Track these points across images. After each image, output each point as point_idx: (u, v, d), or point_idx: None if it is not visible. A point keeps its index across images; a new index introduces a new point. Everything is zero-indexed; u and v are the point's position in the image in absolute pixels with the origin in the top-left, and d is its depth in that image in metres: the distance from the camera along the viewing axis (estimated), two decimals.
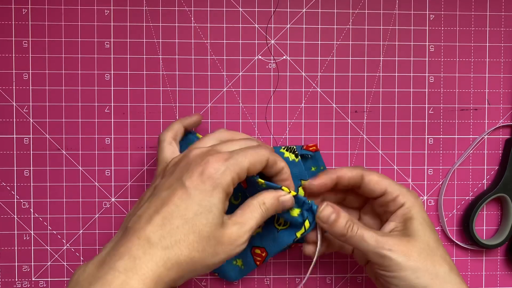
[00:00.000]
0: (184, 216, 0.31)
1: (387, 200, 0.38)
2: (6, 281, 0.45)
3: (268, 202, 0.35)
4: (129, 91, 0.45)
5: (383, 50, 0.46)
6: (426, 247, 0.36)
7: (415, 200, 0.38)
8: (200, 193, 0.32)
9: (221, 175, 0.32)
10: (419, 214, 0.38)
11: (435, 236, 0.37)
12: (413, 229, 0.37)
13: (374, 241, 0.36)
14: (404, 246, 0.36)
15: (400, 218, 0.38)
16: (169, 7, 0.45)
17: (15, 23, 0.44)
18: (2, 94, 0.45)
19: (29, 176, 0.45)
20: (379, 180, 0.38)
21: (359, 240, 0.36)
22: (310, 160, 0.44)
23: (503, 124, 0.46)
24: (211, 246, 0.32)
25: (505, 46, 0.46)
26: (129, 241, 0.31)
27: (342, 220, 0.37)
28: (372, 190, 0.39)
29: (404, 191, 0.38)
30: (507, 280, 0.47)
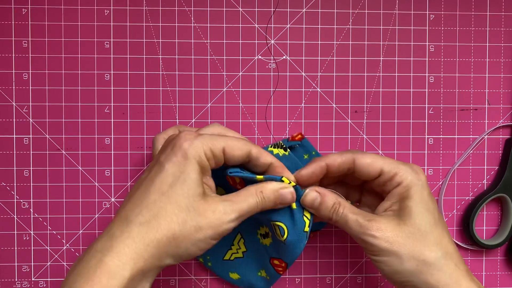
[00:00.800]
0: (160, 189, 0.32)
1: (384, 180, 0.36)
2: (6, 281, 0.45)
3: (266, 191, 0.34)
4: (129, 91, 0.45)
5: (383, 50, 0.46)
6: (416, 231, 0.34)
7: (414, 177, 0.36)
8: (173, 165, 0.32)
9: (192, 146, 0.33)
10: (417, 194, 0.35)
11: (430, 218, 0.35)
12: (406, 210, 0.35)
13: (358, 225, 0.35)
14: (390, 231, 0.34)
15: (396, 197, 0.36)
16: (169, 7, 0.45)
17: (15, 23, 0.44)
18: (2, 94, 0.45)
19: (29, 176, 0.45)
20: (372, 161, 0.36)
21: (344, 224, 0.35)
22: (300, 149, 0.44)
23: (503, 124, 0.46)
24: (192, 219, 0.32)
25: (505, 46, 0.46)
26: (111, 222, 0.32)
27: (328, 204, 0.36)
28: (366, 173, 0.36)
29: (402, 169, 0.36)
30: (507, 280, 0.47)
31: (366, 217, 0.35)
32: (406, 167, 0.36)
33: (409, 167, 0.36)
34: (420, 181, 0.36)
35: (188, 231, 0.31)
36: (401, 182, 0.36)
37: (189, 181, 0.32)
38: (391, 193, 0.36)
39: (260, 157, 0.35)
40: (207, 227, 0.32)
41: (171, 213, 0.31)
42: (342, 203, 0.36)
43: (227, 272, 0.44)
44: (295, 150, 0.44)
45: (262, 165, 0.36)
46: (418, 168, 0.37)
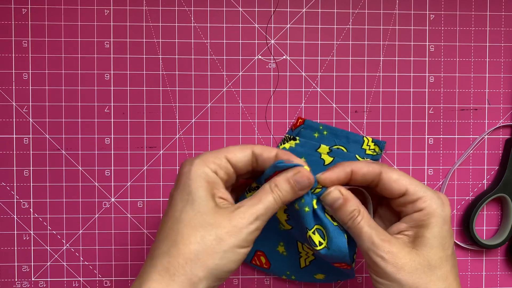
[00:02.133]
0: (173, 217, 0.32)
1: (406, 201, 0.34)
2: (6, 281, 0.45)
3: (280, 184, 0.33)
4: (129, 91, 0.45)
5: (383, 50, 0.46)
6: (426, 264, 0.33)
7: (439, 208, 0.34)
8: (180, 191, 0.32)
9: (193, 167, 0.33)
10: (436, 225, 0.33)
11: (443, 253, 0.33)
12: (422, 239, 0.33)
13: (370, 242, 0.33)
14: (400, 257, 0.33)
15: (414, 223, 0.34)
16: (169, 7, 0.45)
17: (15, 23, 0.44)
18: (2, 94, 0.45)
19: (29, 176, 0.45)
20: (399, 178, 0.34)
21: (357, 234, 0.34)
22: (307, 131, 0.44)
23: (503, 124, 0.46)
24: (210, 233, 0.31)
25: (505, 46, 0.46)
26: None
27: (348, 208, 0.34)
28: (390, 190, 0.34)
29: (429, 195, 0.34)
30: (507, 280, 0.47)
31: (381, 236, 0.33)
32: (433, 195, 0.34)
33: (436, 195, 0.34)
34: (443, 212, 0.34)
35: (209, 247, 0.31)
36: (424, 209, 0.34)
37: (197, 200, 0.32)
38: (409, 216, 0.34)
39: (263, 152, 0.34)
40: (228, 236, 0.31)
41: (188, 235, 0.31)
42: (362, 212, 0.34)
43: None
44: (303, 134, 0.44)
45: (268, 159, 0.35)
46: (445, 199, 0.35)
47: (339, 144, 0.45)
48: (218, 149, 0.34)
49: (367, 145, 0.45)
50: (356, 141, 0.44)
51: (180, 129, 0.45)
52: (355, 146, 0.44)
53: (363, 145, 0.45)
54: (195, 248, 0.31)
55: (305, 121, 0.44)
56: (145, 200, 0.45)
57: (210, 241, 0.31)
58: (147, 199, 0.45)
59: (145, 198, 0.45)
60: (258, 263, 0.44)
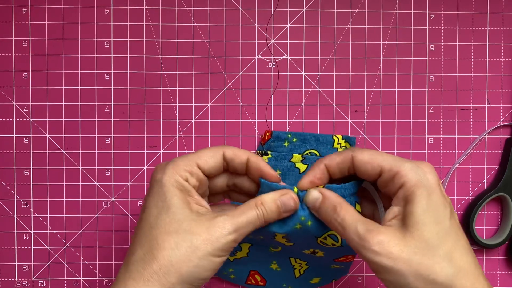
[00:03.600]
0: (148, 223, 0.32)
1: (385, 180, 0.31)
2: (6, 280, 0.45)
3: (266, 203, 0.32)
4: (129, 91, 0.45)
5: (383, 49, 0.46)
6: (423, 245, 0.29)
7: (422, 177, 0.30)
8: (153, 198, 0.32)
9: (164, 175, 0.32)
10: (423, 198, 0.30)
11: (439, 228, 0.30)
12: (411, 218, 0.30)
13: (356, 236, 0.30)
14: (393, 245, 0.29)
15: (401, 201, 0.31)
16: (169, 6, 0.45)
17: (15, 22, 0.44)
18: (2, 94, 0.45)
19: (29, 176, 0.45)
20: (371, 158, 0.32)
21: (341, 232, 0.31)
22: (277, 142, 0.45)
23: (503, 123, 0.46)
24: (185, 239, 0.30)
25: (505, 45, 0.46)
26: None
27: (328, 205, 0.32)
28: (365, 172, 0.32)
29: (406, 167, 0.30)
30: (507, 280, 0.47)
31: (368, 226, 0.30)
32: (411, 165, 0.31)
33: (414, 165, 0.31)
34: (428, 182, 0.30)
35: (184, 254, 0.30)
36: (404, 183, 0.30)
37: (172, 207, 0.31)
38: (396, 197, 0.31)
39: (235, 158, 0.34)
40: (203, 245, 0.30)
41: (162, 241, 0.31)
42: (344, 207, 0.31)
43: (308, 282, 0.44)
44: (273, 147, 0.44)
45: (239, 165, 0.34)
46: (426, 166, 0.31)
47: (310, 148, 0.45)
48: (188, 154, 0.34)
49: (337, 143, 0.45)
50: (327, 142, 0.45)
51: (180, 129, 0.45)
52: (326, 148, 0.45)
53: (334, 144, 0.45)
54: (169, 255, 0.30)
55: (272, 133, 0.45)
56: None
57: (185, 248, 0.30)
58: None
59: None
60: (253, 282, 0.44)
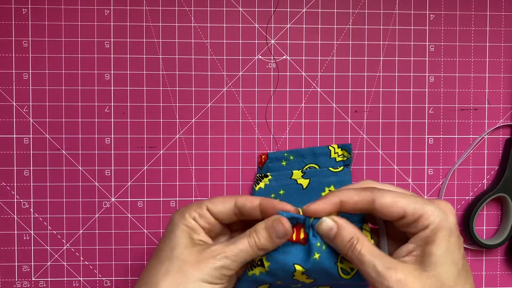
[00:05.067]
0: (153, 255, 0.34)
1: (407, 223, 0.32)
2: (6, 281, 0.45)
3: (258, 230, 0.33)
4: (129, 91, 0.45)
5: (383, 50, 0.46)
6: (439, 285, 0.31)
7: (444, 219, 0.31)
8: (164, 237, 0.35)
9: (177, 214, 0.35)
10: (443, 240, 0.31)
11: (455, 270, 0.31)
12: (430, 258, 0.31)
13: (375, 273, 0.31)
14: (409, 284, 0.30)
15: (421, 241, 0.32)
16: (169, 7, 0.45)
17: (15, 23, 0.44)
18: (2, 94, 0.45)
19: (29, 176, 0.45)
20: (394, 201, 0.32)
21: (359, 265, 0.32)
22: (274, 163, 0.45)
23: (503, 124, 0.46)
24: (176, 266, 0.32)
25: (505, 46, 0.46)
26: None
27: (344, 237, 0.32)
28: (388, 215, 0.32)
29: (429, 210, 0.32)
30: (507, 280, 0.47)
31: (386, 263, 0.31)
32: (433, 208, 0.32)
33: (437, 208, 0.32)
34: (448, 223, 0.31)
35: (173, 278, 0.32)
36: (428, 226, 0.31)
37: (173, 238, 0.34)
38: (416, 236, 0.32)
39: (246, 203, 0.34)
40: (191, 269, 0.32)
41: (156, 269, 0.33)
42: (360, 239, 0.32)
43: None
44: (271, 168, 0.44)
45: (252, 209, 0.34)
46: (447, 207, 0.33)
47: (308, 162, 0.45)
48: (203, 200, 0.36)
49: (335, 153, 0.45)
50: (323, 153, 0.45)
51: (180, 129, 0.45)
52: (324, 159, 0.45)
53: (331, 154, 0.45)
54: (158, 279, 0.32)
55: (268, 155, 0.45)
56: (145, 200, 0.45)
57: (173, 273, 0.32)
58: (147, 199, 0.45)
59: (145, 198, 0.45)
60: None
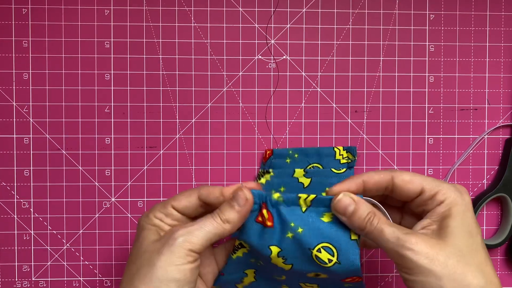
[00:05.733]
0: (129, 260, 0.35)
1: (424, 199, 0.34)
2: (6, 281, 0.45)
3: (221, 206, 0.34)
4: (129, 91, 0.45)
5: (383, 50, 0.46)
6: (458, 252, 0.31)
7: (458, 197, 0.33)
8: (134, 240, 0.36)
9: (143, 218, 0.36)
10: (459, 214, 0.32)
11: (473, 241, 0.32)
12: (447, 230, 0.32)
13: (395, 238, 0.31)
14: (429, 248, 0.31)
15: (437, 216, 0.33)
16: (169, 7, 0.45)
17: (15, 23, 0.44)
18: (2, 94, 0.45)
19: (29, 176, 0.45)
20: (412, 178, 0.34)
21: (378, 235, 0.32)
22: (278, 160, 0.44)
23: (503, 124, 0.46)
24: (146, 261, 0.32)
25: (505, 46, 0.46)
26: None
27: (362, 212, 0.33)
28: (406, 191, 0.34)
29: (445, 187, 0.33)
30: (507, 280, 0.47)
31: (404, 230, 0.32)
32: (449, 186, 0.34)
33: (453, 186, 0.34)
34: (464, 201, 0.33)
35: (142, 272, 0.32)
36: (444, 201, 0.33)
37: (141, 240, 0.34)
38: (431, 212, 0.33)
39: (209, 195, 0.35)
40: (158, 256, 0.32)
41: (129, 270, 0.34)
42: (377, 213, 0.33)
43: None
44: (275, 165, 0.44)
45: (215, 199, 0.35)
46: (462, 188, 0.34)
47: (312, 162, 0.45)
48: (167, 199, 0.36)
49: (339, 154, 0.45)
50: (328, 154, 0.45)
51: (180, 129, 0.45)
52: (328, 160, 0.44)
53: (336, 155, 0.45)
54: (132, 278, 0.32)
55: (273, 151, 0.45)
56: (145, 200, 0.45)
57: (143, 267, 0.32)
58: (147, 199, 0.45)
59: (145, 198, 0.45)
60: None
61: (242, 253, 0.37)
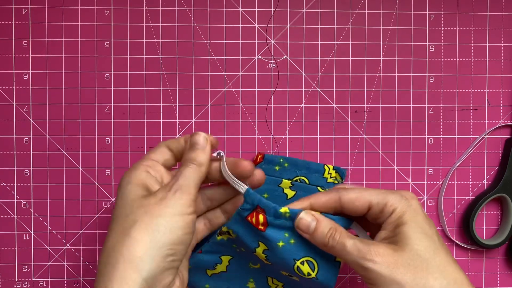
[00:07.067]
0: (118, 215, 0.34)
1: (375, 213, 0.34)
2: (6, 281, 0.45)
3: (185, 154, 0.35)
4: (129, 91, 0.45)
5: (383, 50, 0.46)
6: (416, 257, 0.32)
7: (407, 203, 0.34)
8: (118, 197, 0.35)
9: (126, 176, 0.35)
10: (412, 219, 0.33)
11: (430, 243, 0.33)
12: (403, 237, 0.33)
13: (356, 250, 0.32)
14: (389, 256, 0.32)
15: (391, 226, 0.34)
16: (169, 7, 0.45)
17: (15, 23, 0.44)
18: (2, 94, 0.45)
19: (29, 176, 0.45)
20: (358, 196, 0.34)
21: (340, 250, 0.33)
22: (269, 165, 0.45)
23: (503, 124, 0.46)
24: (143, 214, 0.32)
25: (505, 46, 0.46)
26: None
27: (324, 229, 0.33)
28: (355, 209, 0.34)
29: (392, 198, 0.34)
30: (507, 280, 0.47)
31: (364, 242, 0.33)
32: (395, 195, 0.34)
33: (398, 195, 0.34)
34: (411, 206, 0.34)
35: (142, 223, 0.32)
36: (393, 211, 0.34)
37: (128, 195, 0.34)
38: (385, 223, 0.34)
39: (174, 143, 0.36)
40: (158, 208, 0.32)
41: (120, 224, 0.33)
42: (338, 228, 0.34)
43: None
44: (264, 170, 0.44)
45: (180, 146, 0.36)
46: (408, 194, 0.35)
47: (300, 175, 0.44)
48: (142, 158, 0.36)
49: (328, 173, 0.44)
50: (317, 170, 0.44)
51: (180, 129, 0.45)
52: (316, 176, 0.44)
53: (324, 173, 0.44)
54: (128, 230, 0.32)
55: (264, 156, 0.45)
56: None
57: (141, 219, 0.32)
58: None
59: None
60: None
61: (226, 237, 0.37)
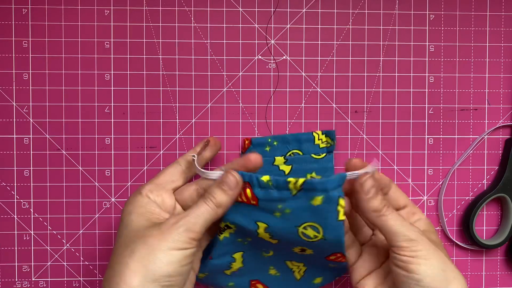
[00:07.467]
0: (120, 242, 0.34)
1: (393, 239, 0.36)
2: (6, 281, 0.45)
3: (212, 190, 0.35)
4: (129, 91, 0.45)
5: (383, 50, 0.46)
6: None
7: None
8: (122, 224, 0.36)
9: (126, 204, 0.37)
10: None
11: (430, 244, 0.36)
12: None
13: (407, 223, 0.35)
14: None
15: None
16: (169, 7, 0.45)
17: (15, 23, 0.44)
18: (2, 94, 0.45)
19: (29, 176, 0.45)
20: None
21: (394, 218, 0.35)
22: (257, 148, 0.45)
23: (503, 124, 0.46)
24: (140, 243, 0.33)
25: (505, 46, 0.46)
26: None
27: (380, 196, 0.35)
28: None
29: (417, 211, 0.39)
30: (507, 280, 0.47)
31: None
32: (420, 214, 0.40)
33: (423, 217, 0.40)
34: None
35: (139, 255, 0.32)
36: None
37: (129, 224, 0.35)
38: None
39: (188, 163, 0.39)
40: (157, 241, 0.32)
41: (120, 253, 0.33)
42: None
43: (311, 283, 0.43)
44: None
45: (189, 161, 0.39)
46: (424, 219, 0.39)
47: (292, 149, 0.45)
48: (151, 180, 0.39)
49: (318, 139, 0.45)
50: (307, 139, 0.44)
51: (180, 129, 0.45)
52: (308, 145, 0.45)
53: (315, 140, 0.44)
54: (125, 260, 0.32)
55: (251, 140, 0.44)
56: None
57: (139, 250, 0.32)
58: None
59: None
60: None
61: (228, 233, 0.37)
